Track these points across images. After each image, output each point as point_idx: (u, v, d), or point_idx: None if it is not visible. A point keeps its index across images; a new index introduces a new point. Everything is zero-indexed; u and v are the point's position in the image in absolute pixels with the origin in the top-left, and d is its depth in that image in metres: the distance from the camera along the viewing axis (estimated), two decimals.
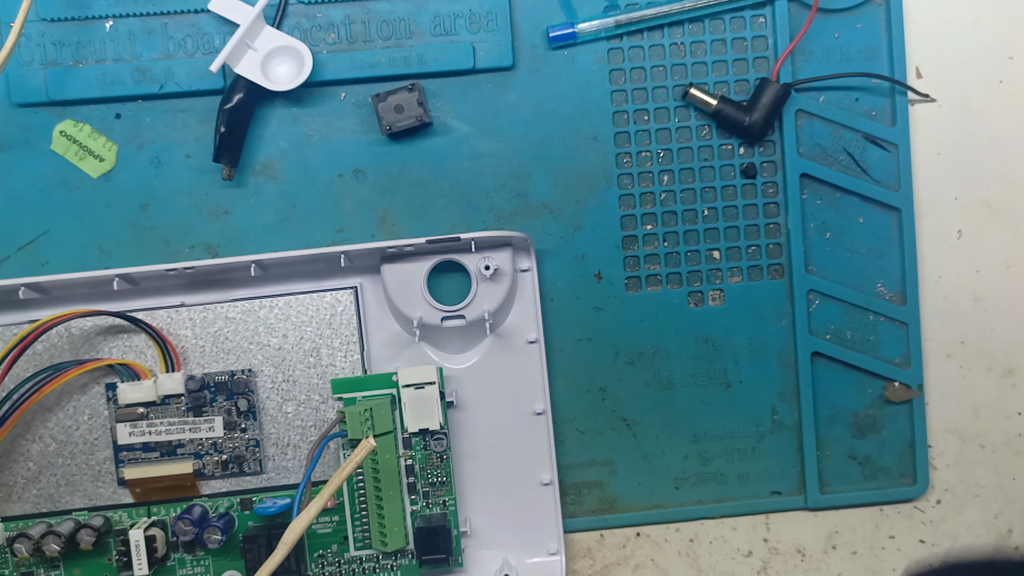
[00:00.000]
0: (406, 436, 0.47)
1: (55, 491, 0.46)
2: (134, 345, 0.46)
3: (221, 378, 0.46)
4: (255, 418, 0.47)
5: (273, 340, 0.47)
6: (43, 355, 0.46)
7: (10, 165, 0.48)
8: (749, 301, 0.50)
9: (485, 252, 0.47)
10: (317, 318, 0.47)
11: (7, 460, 0.46)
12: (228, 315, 0.47)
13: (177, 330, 0.46)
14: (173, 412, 0.46)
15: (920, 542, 0.52)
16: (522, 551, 0.49)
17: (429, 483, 0.47)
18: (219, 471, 0.46)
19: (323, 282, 0.48)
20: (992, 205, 0.51)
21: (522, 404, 0.48)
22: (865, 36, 0.49)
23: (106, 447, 0.46)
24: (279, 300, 0.47)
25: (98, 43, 0.47)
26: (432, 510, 0.47)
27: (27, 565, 0.46)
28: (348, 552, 0.47)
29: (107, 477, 0.46)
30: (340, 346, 0.47)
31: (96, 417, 0.46)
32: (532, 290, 0.48)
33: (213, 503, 0.47)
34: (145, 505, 0.47)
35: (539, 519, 0.49)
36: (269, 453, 0.47)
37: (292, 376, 0.47)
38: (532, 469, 0.49)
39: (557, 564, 0.49)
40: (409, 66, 0.48)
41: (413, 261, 0.47)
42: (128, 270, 0.45)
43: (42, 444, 0.46)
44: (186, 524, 0.45)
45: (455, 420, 0.48)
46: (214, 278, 0.47)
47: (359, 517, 0.47)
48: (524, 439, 0.48)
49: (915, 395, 0.50)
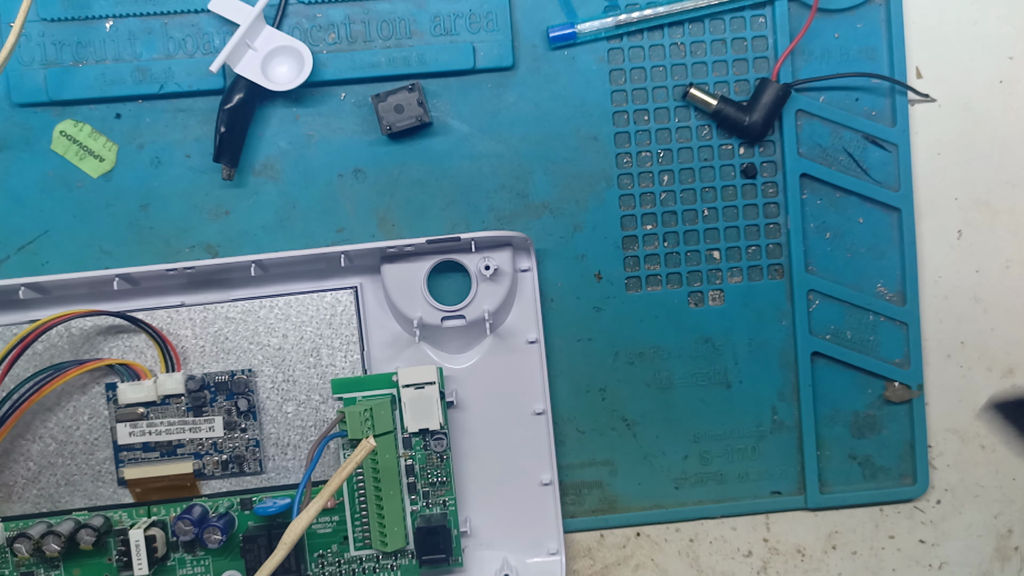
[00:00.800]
0: (406, 436, 0.47)
1: (55, 491, 0.46)
2: (134, 345, 0.46)
3: (221, 378, 0.46)
4: (255, 418, 0.47)
5: (273, 340, 0.47)
6: (43, 355, 0.46)
7: (10, 165, 0.48)
8: (749, 301, 0.50)
9: (485, 252, 0.47)
10: (317, 318, 0.47)
11: (7, 460, 0.46)
12: (228, 315, 0.47)
13: (177, 330, 0.46)
14: (173, 412, 0.46)
15: (920, 542, 0.52)
16: (522, 551, 0.49)
17: (429, 483, 0.47)
18: (219, 471, 0.46)
19: (323, 282, 0.48)
20: (992, 205, 0.51)
21: (522, 404, 0.48)
22: (865, 36, 0.49)
23: (106, 447, 0.46)
24: (279, 300, 0.47)
25: (98, 43, 0.47)
26: (432, 510, 0.47)
27: (27, 565, 0.46)
28: (348, 552, 0.47)
29: (107, 477, 0.46)
30: (340, 346, 0.47)
31: (96, 417, 0.46)
32: (532, 290, 0.48)
33: (213, 503, 0.47)
34: (145, 505, 0.47)
35: (539, 519, 0.49)
36: (269, 453, 0.47)
37: (292, 376, 0.47)
38: (532, 469, 0.49)
39: (557, 564, 0.49)
40: (409, 66, 0.48)
41: (413, 261, 0.47)
42: (128, 270, 0.45)
43: (42, 444, 0.46)
44: (186, 524, 0.45)
45: (455, 420, 0.48)
46: (214, 278, 0.47)
47: (359, 517, 0.47)
48: (524, 439, 0.49)
49: (915, 395, 0.50)
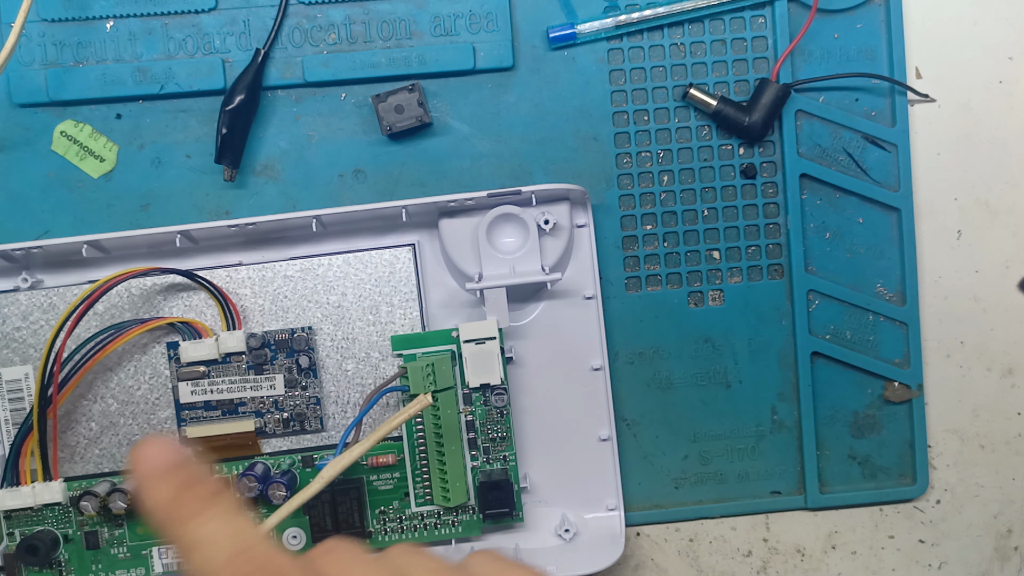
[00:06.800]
0: (466, 392, 0.47)
1: (117, 451, 0.46)
2: (193, 304, 0.46)
3: (281, 336, 0.46)
4: (315, 375, 0.47)
5: (332, 298, 0.47)
6: (103, 315, 0.46)
7: (10, 165, 0.48)
8: (749, 301, 0.50)
9: (543, 207, 0.47)
10: (376, 275, 0.47)
11: (69, 421, 0.46)
12: (287, 273, 0.46)
13: (236, 289, 0.46)
14: (234, 370, 0.46)
15: (920, 542, 0.52)
16: (580, 507, 0.49)
17: (489, 439, 0.47)
18: (280, 429, 0.46)
19: (380, 239, 0.48)
20: (992, 205, 0.51)
21: (580, 360, 0.48)
22: (865, 36, 0.49)
23: (167, 406, 0.46)
24: (337, 258, 0.47)
25: (99, 43, 0.47)
26: (492, 466, 0.47)
27: (91, 524, 0.46)
28: (409, 508, 0.47)
29: (169, 436, 0.46)
30: (399, 303, 0.47)
31: (157, 376, 0.46)
32: (589, 246, 0.48)
33: (275, 461, 0.47)
34: (206, 464, 0.46)
35: (597, 475, 0.49)
36: (329, 411, 0.47)
37: (351, 334, 0.47)
38: (590, 425, 0.49)
39: (616, 519, 0.49)
40: (409, 66, 0.48)
41: (471, 216, 0.47)
42: (189, 227, 0.45)
43: (104, 404, 0.46)
44: (251, 480, 0.45)
45: (513, 376, 0.48)
46: (272, 236, 0.47)
47: (419, 473, 0.47)
48: (582, 395, 0.48)
49: (915, 395, 0.50)
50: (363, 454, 0.40)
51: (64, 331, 0.43)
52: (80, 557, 0.46)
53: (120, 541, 0.46)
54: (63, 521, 0.46)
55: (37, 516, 0.46)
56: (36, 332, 0.46)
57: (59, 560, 0.46)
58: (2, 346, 0.46)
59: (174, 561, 0.47)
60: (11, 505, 0.44)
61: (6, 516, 0.46)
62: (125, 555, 0.46)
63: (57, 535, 0.46)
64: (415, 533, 0.47)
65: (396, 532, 0.47)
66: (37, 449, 0.44)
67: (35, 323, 0.46)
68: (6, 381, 0.46)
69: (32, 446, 0.44)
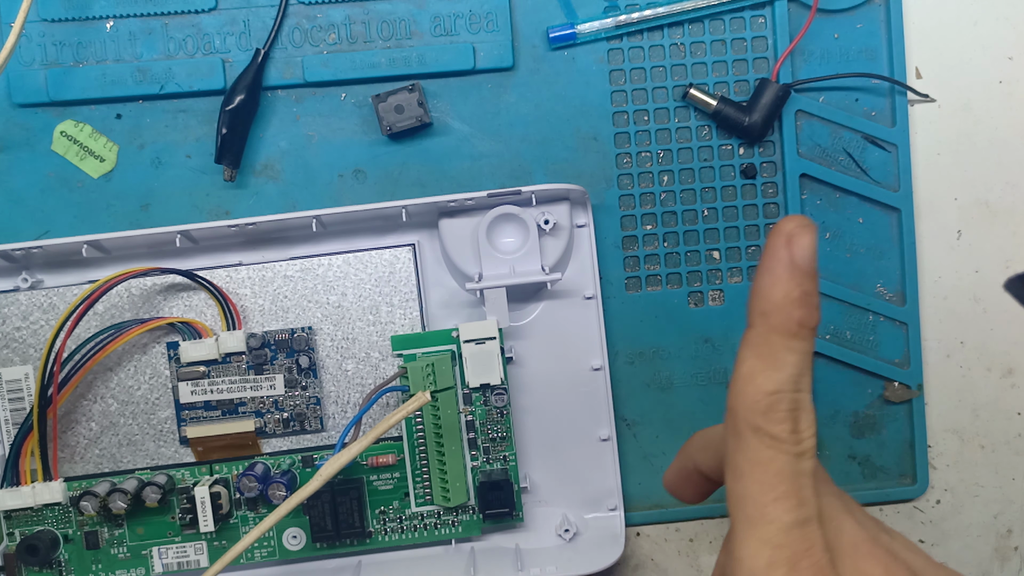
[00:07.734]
0: (466, 392, 0.47)
1: (117, 451, 0.46)
2: (194, 304, 0.46)
3: (281, 336, 0.46)
4: (315, 375, 0.47)
5: (332, 298, 0.47)
6: (103, 315, 0.46)
7: (10, 165, 0.48)
8: None
9: (543, 207, 0.47)
10: (376, 275, 0.47)
11: (69, 421, 0.46)
12: (287, 273, 0.47)
13: (236, 289, 0.47)
14: (234, 370, 0.46)
15: (920, 542, 0.52)
16: (581, 507, 0.49)
17: (489, 439, 0.47)
18: (280, 429, 0.47)
19: (380, 239, 0.48)
20: (992, 205, 0.51)
21: (579, 360, 0.48)
22: (865, 36, 0.49)
23: (167, 406, 0.46)
24: (337, 258, 0.47)
25: (99, 43, 0.47)
26: (493, 465, 0.47)
27: (91, 524, 0.46)
28: (409, 508, 0.47)
29: (169, 436, 0.47)
30: (399, 303, 0.47)
31: (157, 376, 0.46)
32: (589, 246, 0.48)
33: (275, 461, 0.47)
34: (207, 464, 0.47)
35: (597, 475, 0.49)
36: (329, 411, 0.47)
37: (351, 334, 0.47)
38: (590, 425, 0.49)
39: (616, 519, 0.49)
40: (409, 66, 0.48)
41: (471, 216, 0.47)
42: (189, 226, 0.45)
43: (104, 404, 0.46)
44: (251, 480, 0.45)
45: (512, 376, 0.48)
46: (272, 236, 0.47)
47: (419, 473, 0.47)
48: (582, 395, 0.49)
49: (915, 395, 0.50)
50: (361, 452, 0.40)
51: (64, 331, 0.43)
52: (80, 557, 0.46)
53: (120, 541, 0.46)
54: (63, 521, 0.46)
55: (37, 516, 0.46)
56: (36, 332, 0.46)
57: (59, 560, 0.46)
58: (2, 346, 0.46)
59: (174, 561, 0.47)
60: (11, 505, 0.44)
61: (6, 516, 0.46)
62: (125, 555, 0.47)
63: (57, 535, 0.46)
64: (415, 533, 0.47)
65: (396, 532, 0.47)
66: (37, 449, 0.44)
67: (35, 323, 0.46)
68: (6, 381, 0.46)
69: (32, 446, 0.44)
